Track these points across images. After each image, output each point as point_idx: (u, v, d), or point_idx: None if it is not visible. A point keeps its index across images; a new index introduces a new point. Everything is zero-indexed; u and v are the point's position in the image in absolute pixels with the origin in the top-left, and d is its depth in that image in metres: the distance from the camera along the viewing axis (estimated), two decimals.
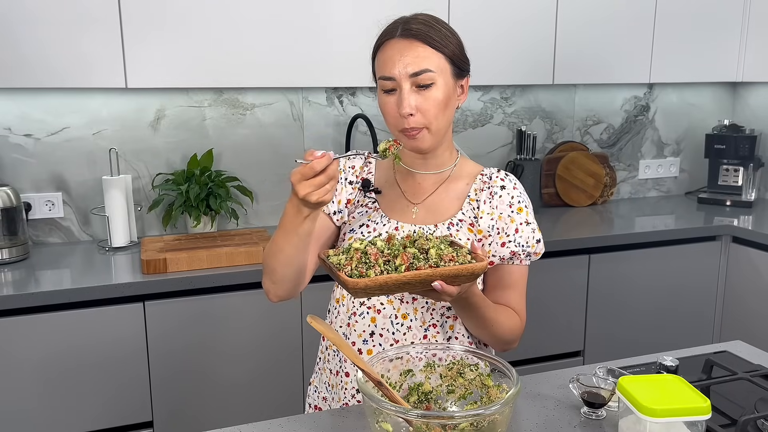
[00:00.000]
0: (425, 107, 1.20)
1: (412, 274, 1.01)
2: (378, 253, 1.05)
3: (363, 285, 0.99)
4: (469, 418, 0.92)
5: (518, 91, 2.89)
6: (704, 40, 2.76)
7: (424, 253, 1.06)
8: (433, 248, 1.06)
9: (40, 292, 1.86)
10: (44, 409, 1.91)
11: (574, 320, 2.50)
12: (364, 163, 1.38)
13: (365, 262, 1.04)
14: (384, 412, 0.95)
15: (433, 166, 1.32)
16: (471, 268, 1.03)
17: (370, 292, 1.01)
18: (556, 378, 1.31)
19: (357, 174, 1.36)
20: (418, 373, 1.12)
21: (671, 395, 1.02)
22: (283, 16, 2.18)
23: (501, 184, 1.30)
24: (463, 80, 1.28)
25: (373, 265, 1.03)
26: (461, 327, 1.28)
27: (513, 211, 1.28)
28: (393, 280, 1.00)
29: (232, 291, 2.06)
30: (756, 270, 2.54)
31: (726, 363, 1.30)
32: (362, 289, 1.00)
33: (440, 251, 1.06)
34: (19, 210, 2.17)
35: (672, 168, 3.23)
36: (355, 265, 1.03)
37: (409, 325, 1.25)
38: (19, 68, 1.97)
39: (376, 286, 1.00)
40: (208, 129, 2.47)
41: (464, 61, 1.27)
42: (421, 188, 1.32)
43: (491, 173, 1.32)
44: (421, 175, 1.32)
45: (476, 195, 1.30)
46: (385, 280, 1.00)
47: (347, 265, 1.03)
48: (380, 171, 1.37)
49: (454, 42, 1.24)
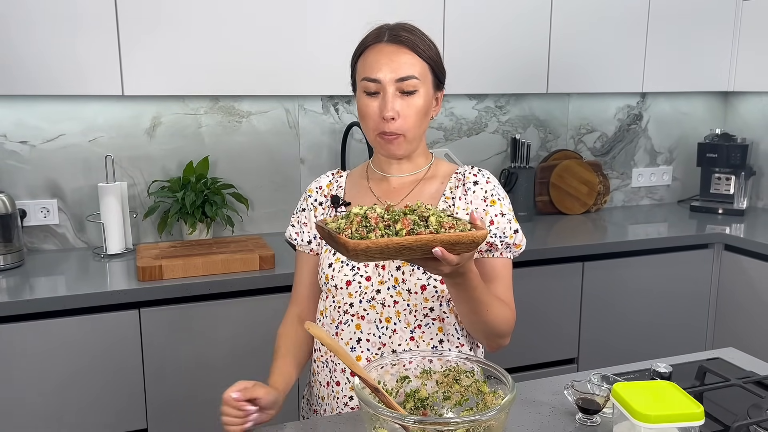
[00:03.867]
0: (407, 113, 1.23)
1: (413, 238, 1.00)
2: (378, 217, 1.04)
3: (364, 246, 0.97)
4: (465, 425, 0.93)
5: (512, 100, 2.91)
6: (696, 50, 2.79)
7: (424, 220, 1.06)
8: (433, 216, 1.06)
9: (35, 299, 1.86)
10: (39, 415, 1.91)
11: (568, 327, 2.52)
12: (331, 180, 1.40)
13: (365, 226, 1.02)
14: (381, 418, 0.96)
15: (407, 170, 1.34)
16: (471, 236, 1.03)
17: (371, 255, 0.99)
18: (551, 384, 1.31)
19: (324, 193, 1.38)
20: (415, 380, 1.12)
21: (665, 401, 1.03)
22: (278, 25, 2.19)
23: (474, 180, 1.31)
24: (439, 93, 1.31)
25: (373, 228, 1.01)
26: (450, 328, 1.28)
27: (487, 204, 1.29)
28: (395, 243, 0.99)
29: (228, 298, 2.06)
30: (748, 278, 2.56)
31: (719, 370, 1.32)
32: (363, 251, 0.98)
33: (440, 219, 1.05)
34: (14, 217, 2.17)
35: (665, 176, 3.25)
36: (356, 228, 1.01)
37: (394, 328, 1.26)
38: (15, 75, 1.97)
39: (377, 248, 0.98)
40: (204, 136, 2.48)
41: (443, 72, 1.30)
42: (395, 192, 1.33)
43: (464, 171, 1.33)
44: (396, 178, 1.34)
45: (451, 193, 1.32)
46: (386, 243, 0.98)
47: (347, 228, 1.02)
48: (351, 183, 1.39)
49: (436, 53, 1.27)
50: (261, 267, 2.11)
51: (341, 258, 1.29)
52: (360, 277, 1.27)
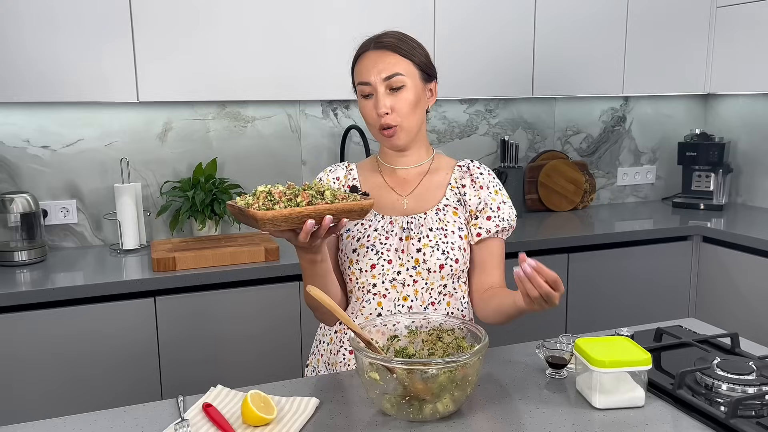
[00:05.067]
0: (398, 106, 1.39)
1: (312, 207, 1.17)
2: (281, 192, 1.20)
3: (270, 216, 1.13)
4: (443, 365, 1.09)
5: (501, 104, 3.08)
6: (673, 55, 2.96)
7: (320, 194, 1.23)
8: (327, 190, 1.23)
9: (58, 288, 2.03)
10: (58, 397, 2.07)
11: (555, 315, 2.67)
12: (346, 172, 1.54)
13: (270, 200, 1.18)
14: (373, 363, 1.12)
15: (413, 161, 1.50)
16: (360, 205, 1.21)
17: (277, 224, 1.15)
18: (525, 348, 1.48)
19: (342, 183, 1.53)
20: (403, 339, 1.29)
21: (618, 351, 1.20)
22: (281, 35, 2.38)
23: (479, 172, 1.50)
24: (431, 84, 1.47)
25: (277, 201, 1.18)
26: (457, 302, 1.45)
27: (491, 193, 1.47)
28: (296, 212, 1.15)
29: (237, 287, 2.22)
30: (725, 267, 2.72)
31: (676, 333, 1.48)
32: (270, 220, 1.14)
33: (335, 192, 1.24)
34: (38, 215, 2.35)
35: (648, 175, 3.42)
36: (262, 203, 1.18)
37: (410, 305, 1.42)
38: (37, 84, 2.15)
39: (282, 217, 1.14)
40: (212, 140, 2.66)
41: (431, 67, 1.46)
42: (405, 182, 1.50)
43: (467, 164, 1.52)
44: (403, 170, 1.51)
45: (457, 182, 1.49)
46: (289, 212, 1.14)
47: (254, 203, 1.18)
48: (363, 175, 1.54)
49: (421, 52, 1.44)
50: (267, 258, 2.28)
51: (365, 244, 1.43)
52: (383, 261, 1.42)
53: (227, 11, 2.30)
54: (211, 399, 1.25)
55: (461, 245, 1.43)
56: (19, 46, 2.11)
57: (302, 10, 2.39)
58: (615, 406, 1.18)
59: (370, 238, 1.43)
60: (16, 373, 2.02)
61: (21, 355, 2.01)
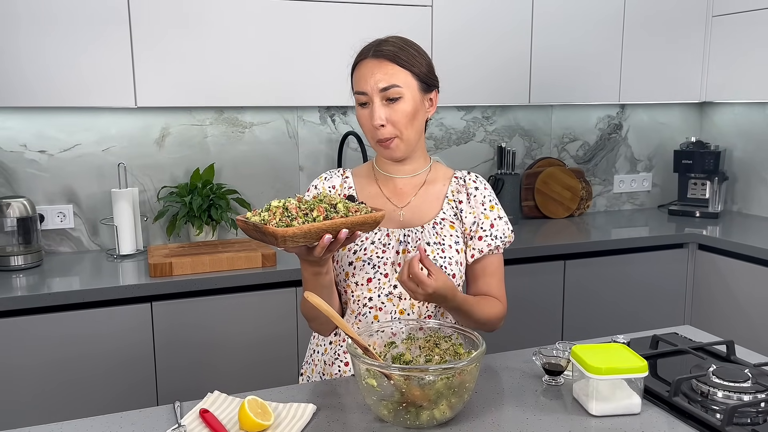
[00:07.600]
0: (395, 118, 1.35)
1: (329, 222, 1.17)
2: (297, 207, 1.20)
3: (291, 233, 1.13)
4: (440, 371, 1.09)
5: (498, 111, 3.10)
6: (669, 64, 2.98)
7: (333, 207, 1.23)
8: (340, 203, 1.24)
9: (54, 293, 2.02)
10: (54, 402, 2.06)
11: (551, 322, 2.68)
12: (342, 180, 1.51)
13: (287, 216, 1.18)
14: (370, 369, 1.12)
15: (410, 170, 1.48)
16: (373, 217, 1.22)
17: (297, 240, 1.15)
18: (522, 354, 1.48)
19: (339, 192, 1.50)
20: (400, 345, 1.29)
21: (615, 358, 1.20)
22: (279, 41, 2.38)
23: (474, 186, 1.48)
24: (432, 94, 1.42)
25: (295, 217, 1.17)
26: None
27: (486, 209, 1.46)
28: (316, 227, 1.15)
29: (234, 293, 2.22)
30: (720, 274, 2.73)
31: (672, 340, 1.48)
32: (290, 237, 1.13)
33: (347, 205, 1.24)
34: (34, 220, 2.35)
35: (645, 182, 3.43)
36: (279, 219, 1.17)
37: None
38: (36, 89, 2.15)
39: (301, 233, 1.14)
40: (210, 146, 2.66)
41: (431, 77, 1.41)
42: (402, 192, 1.47)
43: (463, 176, 1.49)
44: (401, 179, 1.48)
45: (454, 196, 1.47)
46: (309, 228, 1.15)
47: (271, 220, 1.17)
48: (359, 183, 1.51)
49: (422, 61, 1.39)
50: (263, 264, 2.28)
51: (362, 257, 1.41)
52: (380, 275, 1.40)
53: (226, 17, 2.31)
54: (208, 405, 1.25)
55: (458, 260, 1.42)
56: (17, 50, 2.11)
57: (300, 17, 2.40)
58: (611, 413, 1.19)
59: (367, 252, 1.41)
60: (12, 378, 2.01)
61: (17, 360, 2.01)
